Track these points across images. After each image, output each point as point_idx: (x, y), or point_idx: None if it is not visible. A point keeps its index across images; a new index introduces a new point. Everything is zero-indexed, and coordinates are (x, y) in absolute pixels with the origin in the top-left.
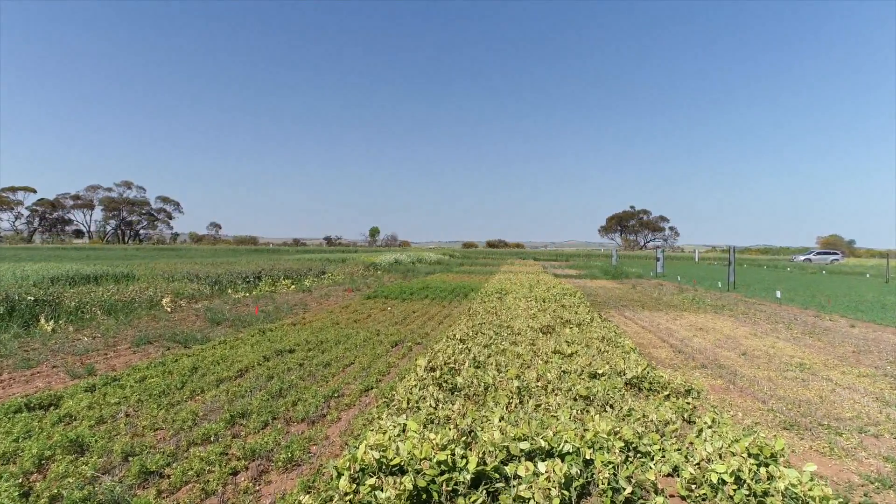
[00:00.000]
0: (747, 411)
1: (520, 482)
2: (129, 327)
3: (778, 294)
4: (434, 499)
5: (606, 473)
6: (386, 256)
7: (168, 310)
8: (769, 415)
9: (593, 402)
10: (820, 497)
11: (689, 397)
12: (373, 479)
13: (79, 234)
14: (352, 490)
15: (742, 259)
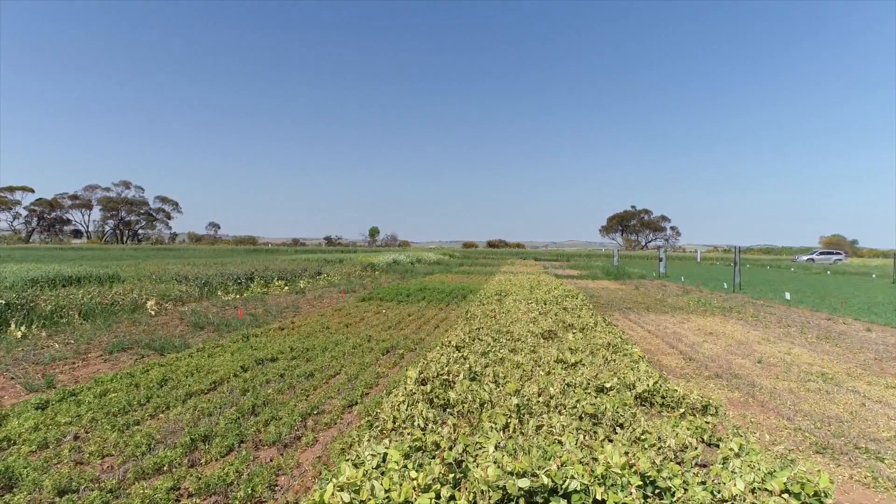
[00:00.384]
0: (772, 430)
1: None
2: (106, 333)
3: (787, 296)
4: None
5: None
6: (384, 257)
7: (152, 313)
8: (797, 435)
9: (602, 421)
10: None
11: (707, 414)
12: None
13: (77, 234)
14: None
15: (744, 259)
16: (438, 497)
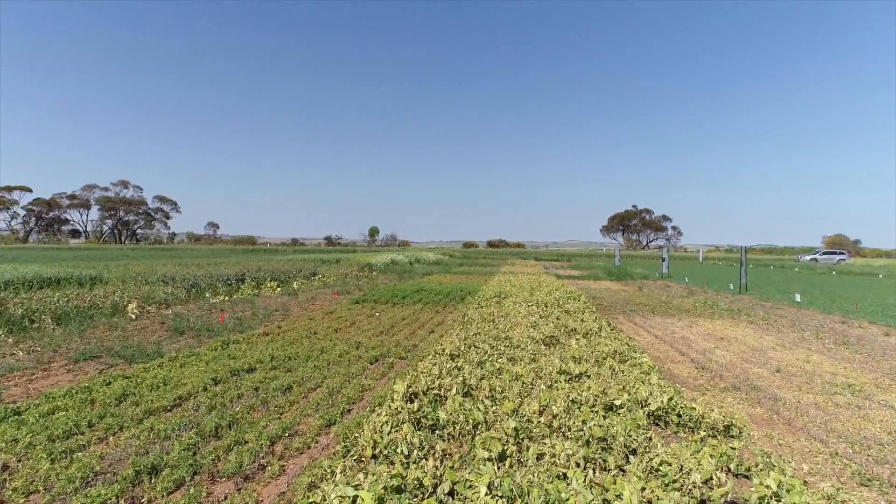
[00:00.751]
0: (806, 456)
1: None
2: (78, 339)
3: (797, 298)
4: None
5: None
6: (381, 257)
7: (132, 317)
8: (835, 462)
9: (612, 446)
10: None
11: (729, 436)
12: None
13: (75, 234)
14: None
15: (747, 259)
16: None
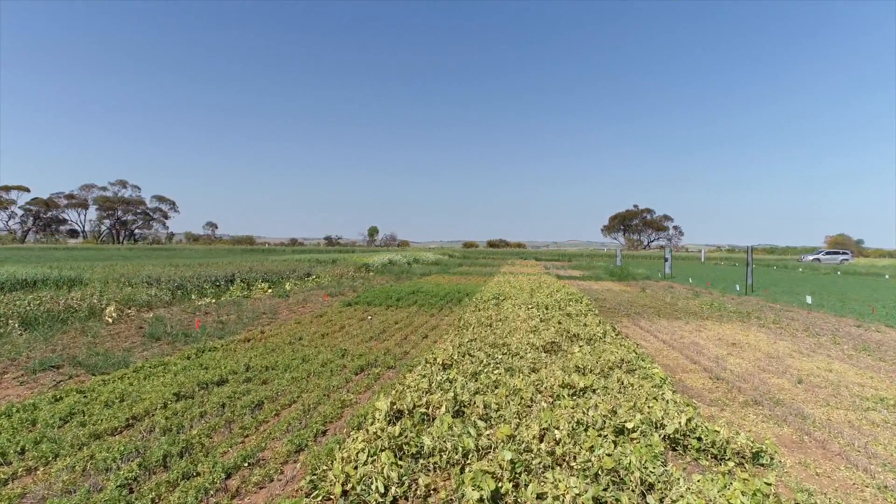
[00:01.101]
0: (850, 490)
1: None
2: (44, 345)
3: (808, 299)
4: None
5: None
6: (379, 257)
7: (109, 321)
8: (885, 496)
9: (625, 481)
10: None
11: (759, 464)
12: None
13: (73, 233)
14: None
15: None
16: None
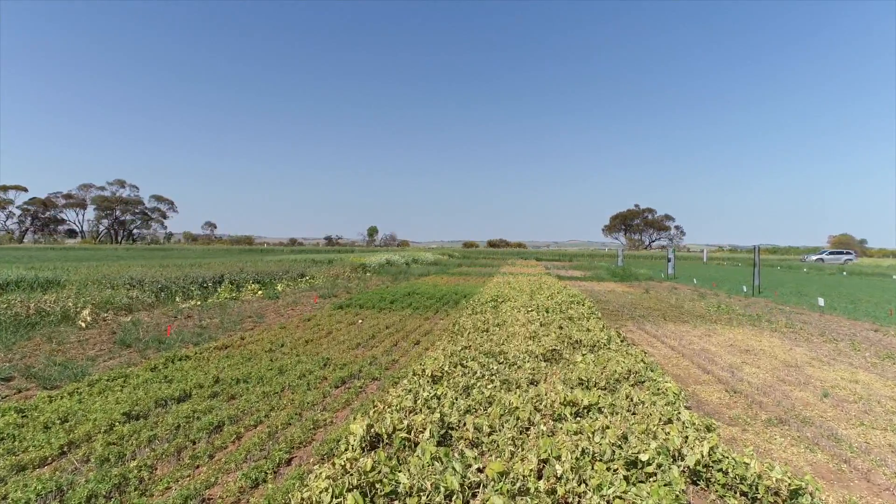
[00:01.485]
0: None
1: None
2: (3, 353)
3: (820, 302)
4: None
5: None
6: (376, 257)
7: (82, 325)
8: None
9: None
10: None
11: None
12: None
13: (72, 234)
14: None
15: (752, 259)
16: None
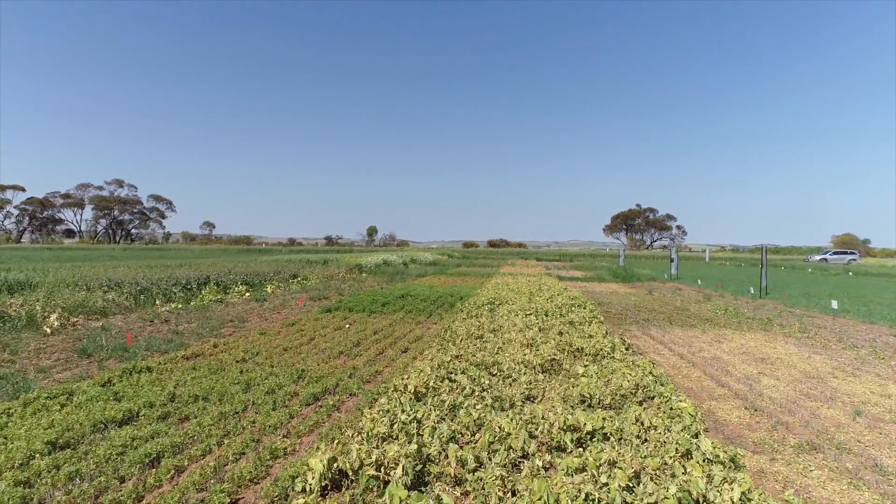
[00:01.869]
0: None
1: None
2: None
3: (834, 304)
4: None
5: None
6: (373, 257)
7: (48, 331)
8: None
9: None
10: None
11: None
12: None
13: (70, 233)
14: None
15: (755, 259)
16: None
